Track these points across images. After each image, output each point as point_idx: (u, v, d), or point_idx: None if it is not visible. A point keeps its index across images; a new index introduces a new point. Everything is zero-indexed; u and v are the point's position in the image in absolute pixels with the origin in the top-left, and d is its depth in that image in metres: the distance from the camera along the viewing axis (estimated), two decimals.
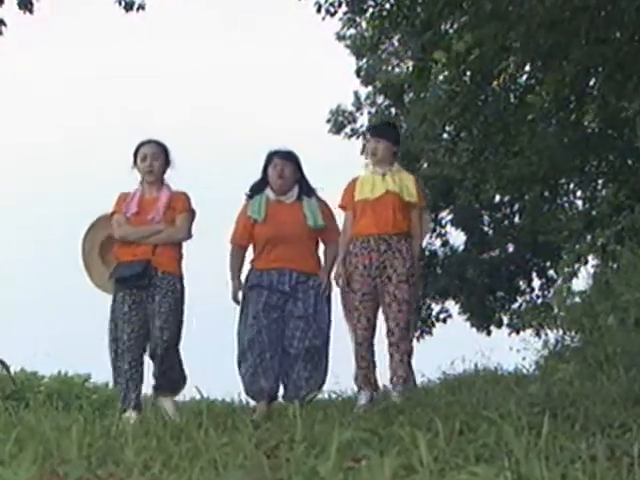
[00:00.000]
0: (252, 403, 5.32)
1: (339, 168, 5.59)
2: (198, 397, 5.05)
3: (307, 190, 5.45)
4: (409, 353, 5.14)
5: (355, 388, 5.39)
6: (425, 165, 16.32)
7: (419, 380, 6.82)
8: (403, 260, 5.19)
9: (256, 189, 5.48)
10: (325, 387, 5.32)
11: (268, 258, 5.32)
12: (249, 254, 5.48)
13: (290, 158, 5.46)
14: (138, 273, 5.08)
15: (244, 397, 5.35)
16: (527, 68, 10.46)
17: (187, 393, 6.42)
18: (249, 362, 5.14)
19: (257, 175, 5.55)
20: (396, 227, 5.24)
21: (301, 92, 35.19)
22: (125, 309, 5.09)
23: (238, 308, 5.34)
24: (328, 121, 17.61)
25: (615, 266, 12.02)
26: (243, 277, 5.44)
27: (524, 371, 8.00)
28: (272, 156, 5.47)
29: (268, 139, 5.50)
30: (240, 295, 5.36)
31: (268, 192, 5.44)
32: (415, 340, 16.96)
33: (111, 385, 5.61)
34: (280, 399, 5.20)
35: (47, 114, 38.21)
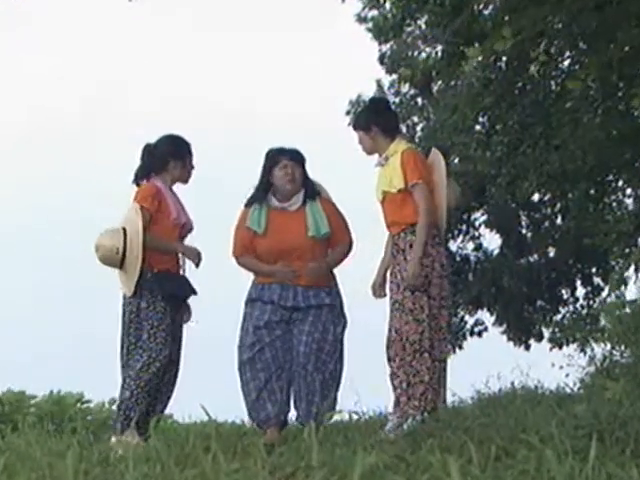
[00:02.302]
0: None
1: (361, 164, 5.49)
2: (205, 418, 5.06)
3: (312, 193, 5.34)
4: (398, 371, 4.95)
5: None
6: (456, 160, 16.29)
7: (450, 399, 6.79)
8: (407, 262, 5.04)
9: (257, 195, 5.36)
10: (345, 407, 5.30)
11: None
12: None
13: (299, 159, 5.35)
14: (191, 294, 5.33)
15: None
16: (569, 52, 10.43)
17: (192, 414, 6.45)
18: (252, 385, 5.10)
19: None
20: (400, 225, 5.11)
21: (317, 81, 35.25)
22: (168, 321, 5.16)
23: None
24: (348, 113, 17.61)
25: None
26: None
27: (567, 390, 7.97)
28: (278, 156, 5.32)
29: (281, 135, 5.40)
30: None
31: (270, 198, 5.34)
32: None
33: (108, 405, 5.58)
34: (294, 421, 5.17)
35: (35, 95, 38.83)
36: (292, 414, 5.21)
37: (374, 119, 5.30)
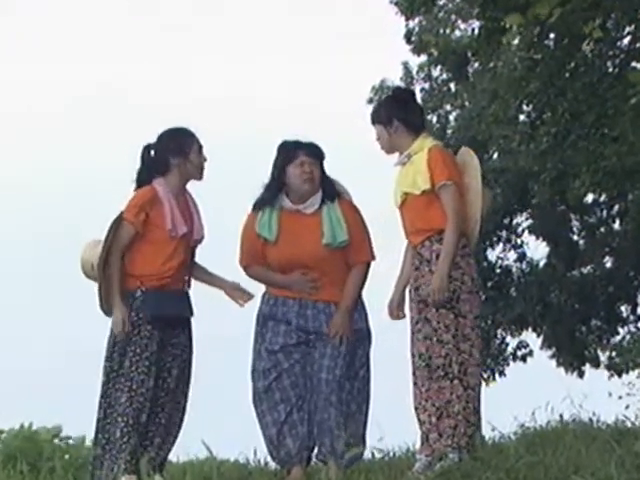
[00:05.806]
0: (273, 464, 5.35)
1: (384, 159, 5.49)
2: (204, 455, 5.09)
3: (331, 194, 5.36)
4: (427, 403, 4.94)
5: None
6: (495, 155, 16.32)
7: (489, 435, 6.80)
8: (432, 275, 5.01)
9: (267, 197, 5.37)
10: (368, 443, 5.31)
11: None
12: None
13: (319, 155, 5.36)
14: (187, 317, 5.31)
15: (262, 457, 5.38)
16: (629, 28, 10.44)
17: (191, 451, 6.47)
18: (269, 419, 5.14)
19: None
20: (424, 232, 5.11)
21: (335, 64, 35.45)
22: (154, 348, 5.13)
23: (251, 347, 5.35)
24: (370, 101, 17.66)
25: None
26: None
27: (628, 424, 7.94)
28: (294, 151, 5.32)
29: (296, 125, 5.42)
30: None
31: (282, 199, 5.35)
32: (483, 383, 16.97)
33: (91, 442, 5.61)
34: (315, 458, 5.17)
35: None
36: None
37: (397, 112, 5.30)
